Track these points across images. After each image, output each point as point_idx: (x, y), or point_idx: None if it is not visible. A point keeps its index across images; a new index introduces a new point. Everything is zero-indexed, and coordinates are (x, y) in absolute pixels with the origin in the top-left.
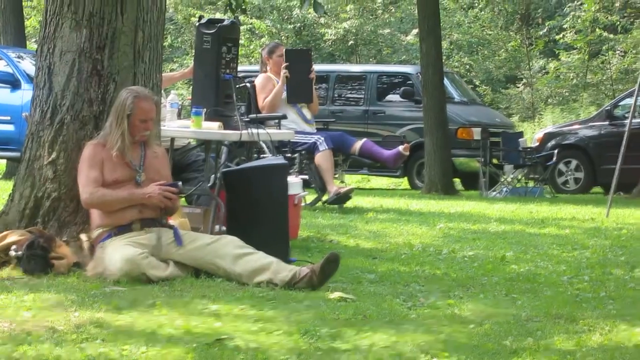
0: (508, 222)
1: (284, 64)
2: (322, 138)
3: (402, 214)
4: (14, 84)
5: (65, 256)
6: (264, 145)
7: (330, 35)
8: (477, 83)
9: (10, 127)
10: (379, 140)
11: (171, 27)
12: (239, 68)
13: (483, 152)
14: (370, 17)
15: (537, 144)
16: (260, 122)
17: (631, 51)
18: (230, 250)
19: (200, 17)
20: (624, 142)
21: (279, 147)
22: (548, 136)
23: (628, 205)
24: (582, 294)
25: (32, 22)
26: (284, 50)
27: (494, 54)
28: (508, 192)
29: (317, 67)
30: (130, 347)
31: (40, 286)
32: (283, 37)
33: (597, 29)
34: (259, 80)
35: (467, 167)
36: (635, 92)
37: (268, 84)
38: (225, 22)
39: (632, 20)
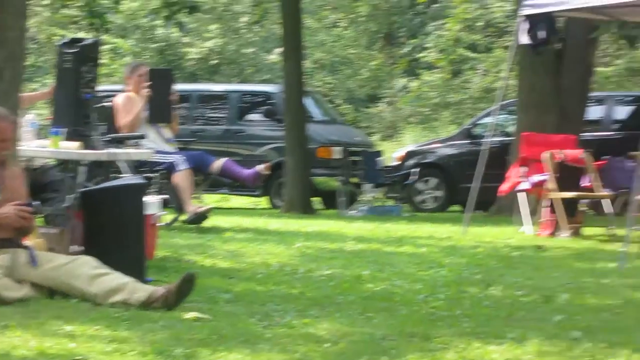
0: (365, 241)
1: (146, 83)
2: (181, 158)
3: (261, 234)
4: None
5: None
6: (122, 165)
7: (194, 54)
8: (339, 102)
9: None
10: (240, 159)
11: (34, 46)
12: (103, 87)
13: (342, 171)
14: (234, 36)
15: (398, 162)
16: (120, 142)
17: (492, 70)
18: (86, 271)
19: (63, 37)
20: (482, 161)
21: (138, 166)
22: (409, 155)
23: (485, 224)
24: (438, 312)
25: None
26: (145, 69)
27: (357, 73)
28: (367, 211)
29: (179, 86)
30: None
31: None
32: (146, 57)
33: (459, 48)
34: (120, 100)
35: (327, 186)
36: (495, 111)
37: (129, 103)
38: (86, 42)
39: (494, 39)
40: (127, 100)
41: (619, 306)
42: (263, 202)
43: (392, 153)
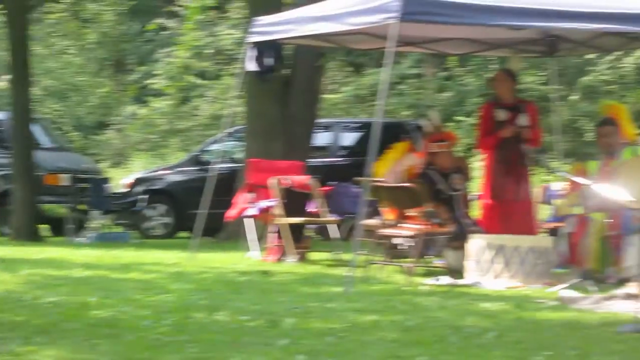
0: (93, 268)
1: None
2: None
3: None
4: None
5: None
6: None
7: None
8: (68, 129)
9: None
10: None
11: None
12: None
13: (70, 198)
14: None
15: (127, 189)
16: None
17: (221, 97)
18: None
19: None
20: (209, 187)
21: None
22: (137, 181)
23: (213, 249)
24: (163, 338)
25: None
26: None
27: (86, 100)
28: (95, 238)
29: None
30: None
31: None
32: None
33: (188, 75)
34: None
35: (55, 213)
36: (223, 138)
37: None
38: None
39: (223, 67)
40: None
41: (344, 329)
42: None
43: (120, 180)
